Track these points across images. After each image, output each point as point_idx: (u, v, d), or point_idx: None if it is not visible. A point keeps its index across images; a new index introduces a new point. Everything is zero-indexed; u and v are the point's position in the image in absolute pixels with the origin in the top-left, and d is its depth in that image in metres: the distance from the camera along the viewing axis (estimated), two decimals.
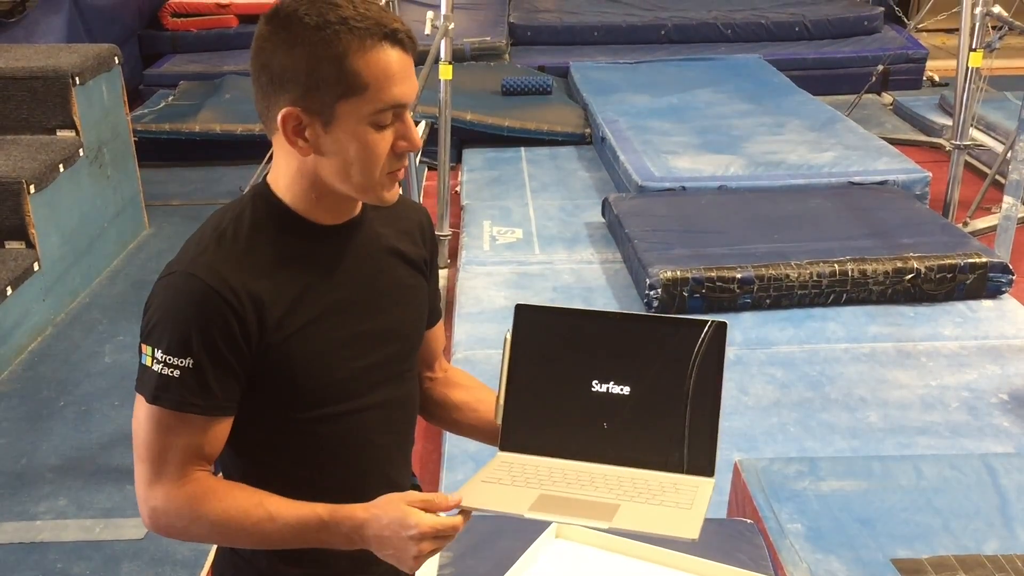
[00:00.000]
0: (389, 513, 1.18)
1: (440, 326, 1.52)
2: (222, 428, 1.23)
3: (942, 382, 3.24)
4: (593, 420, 1.30)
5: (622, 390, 1.30)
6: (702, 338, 1.28)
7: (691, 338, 1.29)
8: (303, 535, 1.21)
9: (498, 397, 1.35)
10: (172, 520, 1.21)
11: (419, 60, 4.41)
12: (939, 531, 2.14)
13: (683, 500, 1.21)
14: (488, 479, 1.26)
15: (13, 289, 3.61)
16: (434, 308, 1.47)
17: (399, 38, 1.17)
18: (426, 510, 1.18)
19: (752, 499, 2.29)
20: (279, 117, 1.18)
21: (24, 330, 3.75)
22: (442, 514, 1.19)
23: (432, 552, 1.18)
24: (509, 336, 1.34)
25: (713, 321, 1.28)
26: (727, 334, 1.28)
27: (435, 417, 1.51)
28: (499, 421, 1.34)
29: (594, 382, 1.31)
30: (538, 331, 1.34)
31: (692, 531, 1.14)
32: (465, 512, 1.21)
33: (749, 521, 2.20)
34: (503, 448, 1.34)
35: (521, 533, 1.82)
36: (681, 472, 1.27)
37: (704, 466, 1.27)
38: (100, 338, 3.85)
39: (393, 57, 1.17)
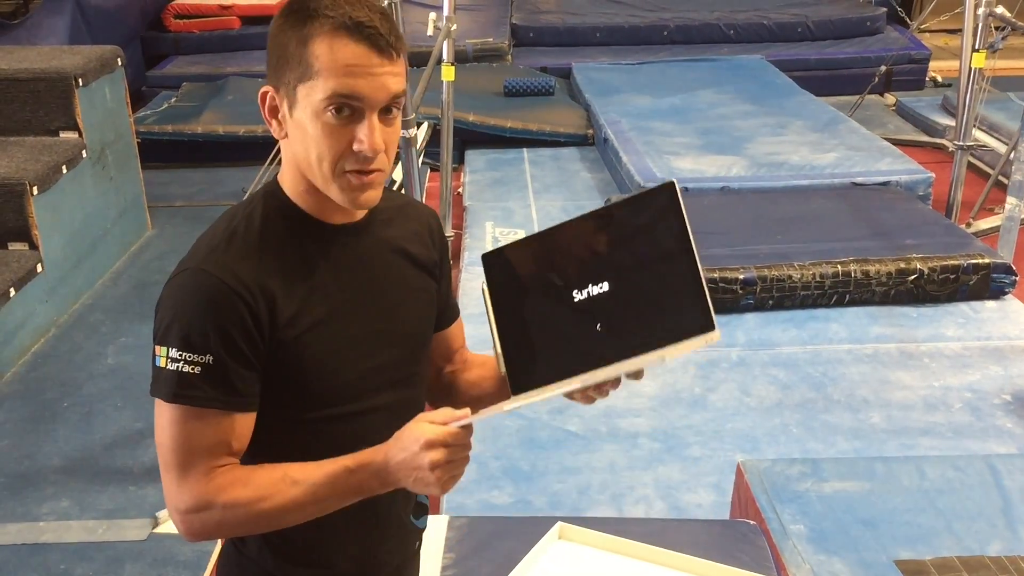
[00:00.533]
0: (400, 438, 1.18)
1: (459, 323, 1.52)
2: (246, 423, 1.22)
3: (945, 383, 3.24)
4: (588, 328, 1.28)
5: (602, 288, 1.27)
6: (656, 206, 1.25)
7: (644, 210, 1.26)
8: (336, 490, 1.20)
9: (495, 348, 1.34)
10: (205, 518, 1.20)
11: (420, 61, 4.43)
12: (942, 532, 2.14)
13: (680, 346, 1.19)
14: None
15: (16, 290, 3.61)
16: (451, 306, 1.47)
17: (365, 33, 1.15)
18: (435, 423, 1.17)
19: (755, 500, 2.29)
20: (259, 94, 1.22)
21: (27, 331, 3.75)
22: None
23: (450, 463, 1.16)
24: (485, 287, 1.34)
25: (660, 186, 1.25)
26: (677, 192, 1.24)
27: (460, 403, 1.50)
28: (503, 371, 1.33)
29: (574, 293, 1.28)
30: (508, 271, 1.33)
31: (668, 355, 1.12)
32: (464, 428, 1.19)
33: (752, 522, 2.20)
34: (514, 392, 1.31)
35: (524, 534, 1.82)
36: (685, 339, 1.22)
37: (703, 324, 1.22)
38: (103, 339, 3.85)
39: (354, 50, 1.15)
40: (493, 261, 1.34)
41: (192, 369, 1.17)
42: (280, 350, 1.21)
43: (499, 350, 1.33)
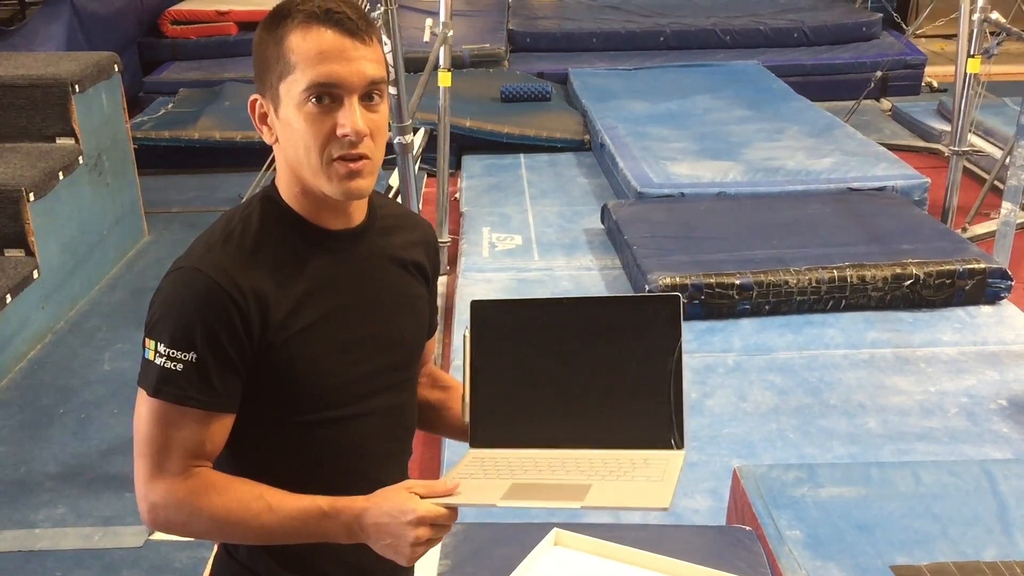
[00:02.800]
0: (388, 501, 1.19)
1: (434, 339, 1.53)
2: (223, 425, 1.23)
3: (941, 388, 3.24)
4: (559, 406, 1.31)
5: (584, 365, 1.30)
6: (657, 313, 1.29)
7: (646, 314, 1.30)
8: (304, 527, 1.22)
9: (463, 395, 1.35)
10: (171, 515, 1.21)
11: (417, 66, 4.43)
12: (938, 538, 2.14)
13: (654, 474, 1.21)
14: (462, 475, 1.26)
15: (12, 297, 3.61)
16: (432, 322, 1.48)
17: (334, 19, 1.18)
18: (425, 496, 1.19)
19: (751, 506, 2.28)
20: (248, 105, 1.25)
21: (23, 338, 3.75)
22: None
23: (429, 541, 1.18)
24: (468, 334, 1.34)
25: (665, 295, 1.30)
26: (681, 306, 1.28)
27: (417, 419, 1.52)
28: (467, 419, 1.35)
29: (556, 363, 1.31)
30: (496, 325, 1.35)
31: (663, 500, 1.15)
32: (449, 508, 1.21)
33: (748, 528, 2.20)
34: (473, 445, 1.34)
35: (520, 541, 1.82)
36: (652, 448, 1.27)
37: (673, 439, 1.27)
38: (99, 346, 3.85)
39: (326, 36, 1.18)
40: (482, 311, 1.35)
41: (175, 366, 1.18)
42: (271, 352, 1.22)
43: (467, 399, 1.35)
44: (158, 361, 1.19)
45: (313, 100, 1.18)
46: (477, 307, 1.35)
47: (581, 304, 1.35)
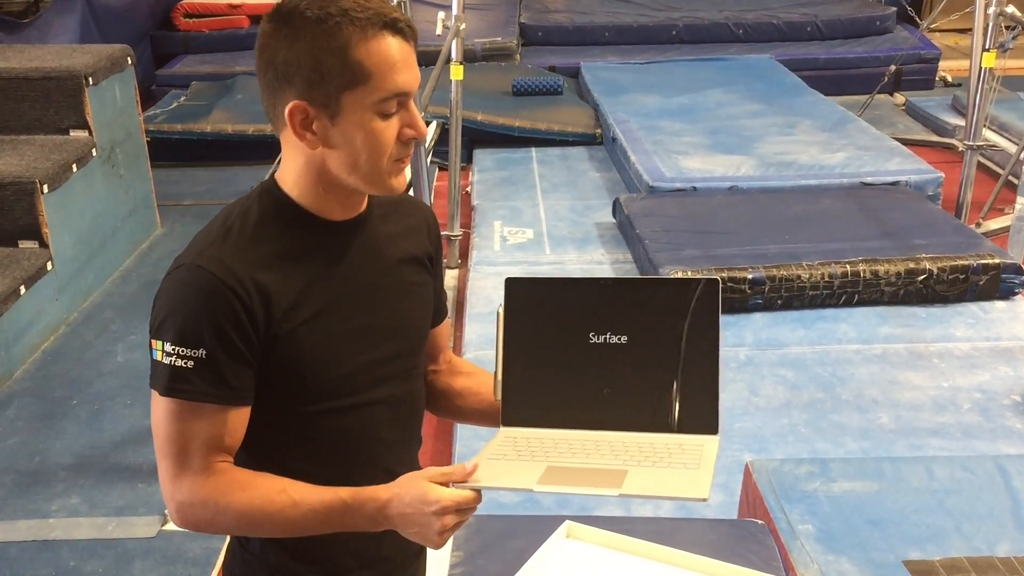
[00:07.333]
0: (410, 492, 1.19)
1: (446, 324, 1.52)
2: (240, 418, 1.23)
3: (954, 383, 3.23)
4: (592, 386, 1.29)
5: (620, 339, 1.29)
6: (694, 295, 1.28)
7: (683, 296, 1.29)
8: (328, 520, 1.23)
9: (496, 374, 1.34)
10: (198, 513, 1.22)
11: (429, 60, 4.43)
12: (951, 533, 2.14)
13: (690, 460, 1.20)
14: (494, 456, 1.25)
15: (27, 288, 3.63)
16: (440, 306, 1.47)
17: (399, 27, 1.18)
18: (445, 484, 1.19)
19: (763, 500, 2.28)
20: (286, 111, 1.19)
21: (37, 329, 3.77)
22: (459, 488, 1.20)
23: (456, 526, 1.19)
24: (502, 311, 1.34)
25: (706, 278, 1.29)
26: (720, 291, 1.27)
27: (440, 408, 1.52)
28: (498, 398, 1.33)
29: (591, 334, 1.29)
30: (531, 303, 1.33)
31: (702, 491, 1.14)
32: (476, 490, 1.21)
33: (760, 522, 2.20)
34: (505, 424, 1.33)
35: (532, 533, 1.82)
36: (685, 432, 1.26)
37: (707, 424, 1.26)
38: (112, 337, 3.86)
39: (394, 46, 1.18)
40: (517, 287, 1.34)
41: (185, 363, 1.18)
42: (277, 344, 1.22)
43: (499, 377, 1.33)
44: (167, 361, 1.19)
45: (388, 109, 1.19)
46: (511, 283, 1.34)
47: (618, 285, 1.34)
